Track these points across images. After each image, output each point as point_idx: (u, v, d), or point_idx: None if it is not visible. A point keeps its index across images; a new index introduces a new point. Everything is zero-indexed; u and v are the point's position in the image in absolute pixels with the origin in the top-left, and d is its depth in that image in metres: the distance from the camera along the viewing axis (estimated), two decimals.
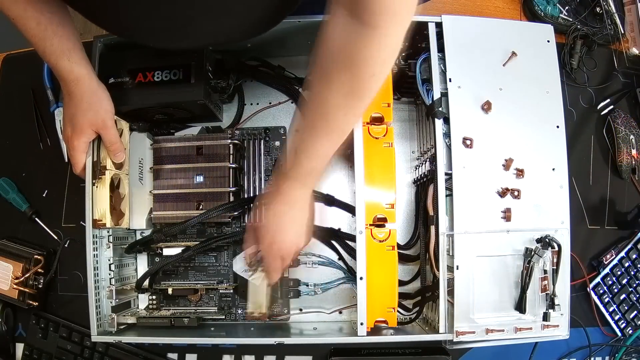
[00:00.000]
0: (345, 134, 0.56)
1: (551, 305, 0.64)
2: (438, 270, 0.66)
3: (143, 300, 0.79)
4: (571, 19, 0.85)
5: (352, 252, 0.75)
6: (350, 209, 0.78)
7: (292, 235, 0.63)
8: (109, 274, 0.71)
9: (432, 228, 0.68)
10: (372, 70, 0.50)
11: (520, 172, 0.66)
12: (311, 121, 0.55)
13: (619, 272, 0.80)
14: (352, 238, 0.72)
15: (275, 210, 0.62)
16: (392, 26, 0.46)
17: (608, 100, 0.86)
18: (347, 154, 0.67)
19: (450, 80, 0.66)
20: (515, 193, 0.65)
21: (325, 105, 0.53)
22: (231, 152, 0.75)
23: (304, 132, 0.57)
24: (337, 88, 0.51)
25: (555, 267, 0.64)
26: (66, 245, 0.80)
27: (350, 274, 0.77)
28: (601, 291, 0.80)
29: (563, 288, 0.65)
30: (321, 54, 0.51)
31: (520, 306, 0.64)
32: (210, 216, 0.71)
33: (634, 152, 0.82)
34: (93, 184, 0.68)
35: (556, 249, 0.63)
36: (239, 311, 0.78)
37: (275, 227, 0.62)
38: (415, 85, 0.70)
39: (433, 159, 0.67)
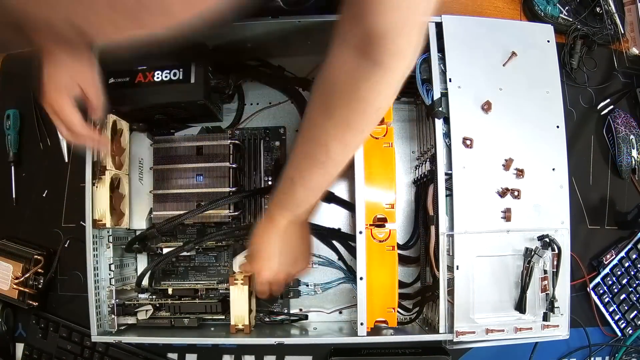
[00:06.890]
0: (340, 166, 0.57)
1: (551, 308, 0.64)
2: (438, 270, 0.66)
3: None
4: (571, 19, 0.85)
5: (352, 252, 0.75)
6: (348, 206, 0.78)
7: (280, 263, 0.64)
8: (109, 274, 0.71)
9: (432, 228, 0.68)
10: (378, 105, 0.51)
11: (520, 172, 0.66)
12: (309, 151, 0.56)
13: (619, 272, 0.80)
14: (352, 238, 0.72)
15: (267, 238, 0.63)
16: (401, 65, 0.48)
17: (608, 100, 0.86)
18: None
19: (450, 80, 0.66)
20: (515, 193, 0.65)
21: (324, 137, 0.53)
22: (231, 152, 0.75)
23: (300, 161, 0.57)
24: (338, 121, 0.52)
25: (555, 270, 0.64)
26: (66, 245, 0.80)
27: (350, 274, 0.77)
28: (601, 291, 0.80)
29: (563, 289, 0.65)
30: (324, 89, 0.52)
31: (520, 306, 0.64)
32: (206, 210, 0.71)
33: (634, 152, 0.82)
34: (93, 184, 0.68)
35: (556, 251, 0.63)
36: None
37: (265, 255, 0.64)
38: (415, 85, 0.70)
39: (433, 159, 0.67)
